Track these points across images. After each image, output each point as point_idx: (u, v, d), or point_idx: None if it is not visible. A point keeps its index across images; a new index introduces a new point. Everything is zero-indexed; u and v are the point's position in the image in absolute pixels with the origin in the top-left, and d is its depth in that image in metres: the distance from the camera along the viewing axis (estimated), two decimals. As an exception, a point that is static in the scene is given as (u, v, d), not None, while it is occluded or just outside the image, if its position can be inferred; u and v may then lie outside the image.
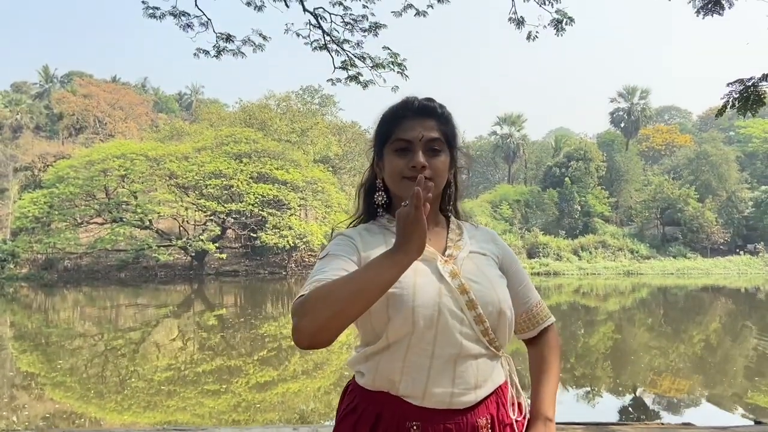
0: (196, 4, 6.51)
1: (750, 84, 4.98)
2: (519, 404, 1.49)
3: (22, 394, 8.78)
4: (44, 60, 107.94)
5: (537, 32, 6.35)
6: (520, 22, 6.38)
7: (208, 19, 6.67)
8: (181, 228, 33.88)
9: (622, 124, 53.43)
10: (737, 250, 40.49)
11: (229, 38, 6.83)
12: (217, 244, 31.66)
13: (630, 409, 8.15)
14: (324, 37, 6.70)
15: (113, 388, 9.01)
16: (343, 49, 6.72)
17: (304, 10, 6.57)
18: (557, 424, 1.50)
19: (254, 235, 31.67)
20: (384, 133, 1.47)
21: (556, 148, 52.16)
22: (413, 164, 1.40)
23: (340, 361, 11.05)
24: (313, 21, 6.63)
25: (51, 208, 30.16)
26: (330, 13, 6.67)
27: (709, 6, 5.34)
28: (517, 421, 1.46)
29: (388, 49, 6.82)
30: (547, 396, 1.50)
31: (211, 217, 32.92)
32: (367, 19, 6.75)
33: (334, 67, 6.80)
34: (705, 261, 39.11)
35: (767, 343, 13.46)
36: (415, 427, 1.33)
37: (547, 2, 6.08)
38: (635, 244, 40.32)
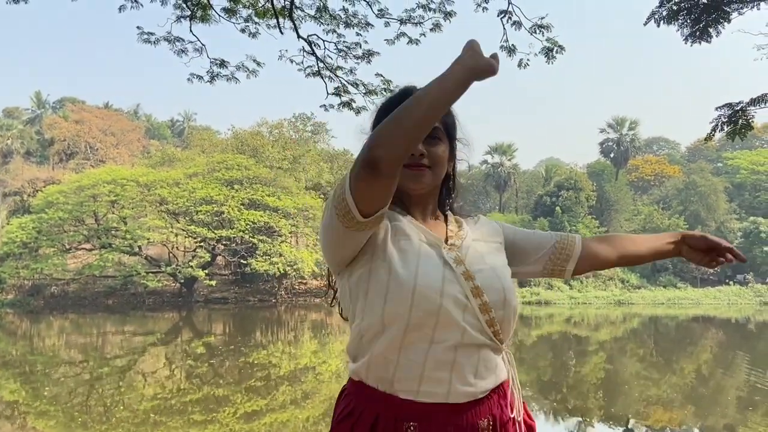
0: (191, 30, 6.54)
1: (738, 108, 5.04)
2: (523, 404, 1.44)
3: (4, 423, 8.57)
4: (37, 86, 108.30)
5: (528, 60, 6.42)
6: (511, 50, 6.44)
7: (203, 44, 6.71)
8: (171, 254, 33.63)
9: (612, 155, 53.91)
10: (727, 281, 40.61)
11: (222, 64, 6.86)
12: (206, 271, 31.38)
13: (623, 440, 8.05)
14: (317, 64, 6.74)
15: (98, 417, 8.81)
16: (337, 76, 6.76)
17: (299, 37, 6.62)
18: None
19: (244, 262, 31.45)
20: None
21: (546, 178, 52.46)
22: (412, 152, 1.37)
23: (329, 390, 10.89)
24: (307, 48, 6.67)
25: (39, 234, 29.86)
26: (324, 41, 6.73)
27: (697, 34, 5.41)
28: (517, 421, 1.40)
29: (381, 75, 6.87)
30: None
31: (201, 244, 32.71)
32: (360, 47, 6.80)
33: (327, 94, 6.83)
34: (695, 291, 39.17)
35: (759, 374, 13.40)
36: (412, 428, 1.27)
37: (538, 31, 6.16)
38: (626, 274, 40.36)
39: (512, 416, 1.39)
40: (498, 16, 6.33)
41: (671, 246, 1.59)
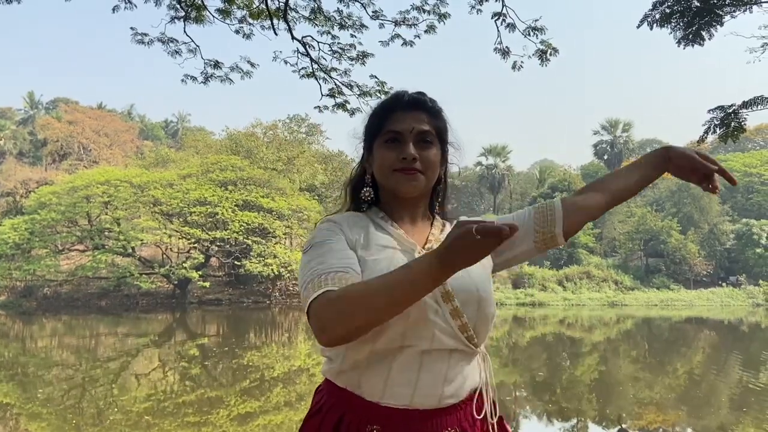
0: (184, 31, 6.53)
1: (731, 111, 5.06)
2: (493, 404, 1.41)
3: (-5, 425, 8.52)
4: (29, 86, 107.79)
5: (522, 62, 6.44)
6: (505, 53, 6.46)
7: (197, 45, 6.70)
8: (164, 256, 33.51)
9: (606, 156, 54.16)
10: (720, 282, 40.77)
11: (217, 65, 6.85)
12: (200, 272, 31.30)
13: (617, 441, 8.07)
14: (312, 65, 6.74)
15: (90, 419, 8.77)
16: (331, 77, 6.76)
17: (293, 38, 6.62)
18: None
19: (238, 264, 31.38)
20: (374, 127, 1.46)
21: (540, 179, 52.61)
22: (404, 156, 1.38)
23: (323, 391, 10.85)
24: (301, 49, 6.67)
25: (32, 235, 29.71)
26: (318, 42, 6.72)
27: (690, 36, 5.43)
28: (489, 423, 1.38)
29: (375, 77, 6.88)
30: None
31: (195, 245, 32.62)
32: (355, 48, 6.81)
33: (322, 95, 6.83)
34: (688, 293, 39.30)
35: (752, 376, 13.46)
36: (375, 431, 1.27)
37: (532, 33, 6.17)
38: (619, 275, 40.49)
39: (479, 418, 1.37)
40: (492, 18, 6.35)
41: (657, 169, 1.56)
